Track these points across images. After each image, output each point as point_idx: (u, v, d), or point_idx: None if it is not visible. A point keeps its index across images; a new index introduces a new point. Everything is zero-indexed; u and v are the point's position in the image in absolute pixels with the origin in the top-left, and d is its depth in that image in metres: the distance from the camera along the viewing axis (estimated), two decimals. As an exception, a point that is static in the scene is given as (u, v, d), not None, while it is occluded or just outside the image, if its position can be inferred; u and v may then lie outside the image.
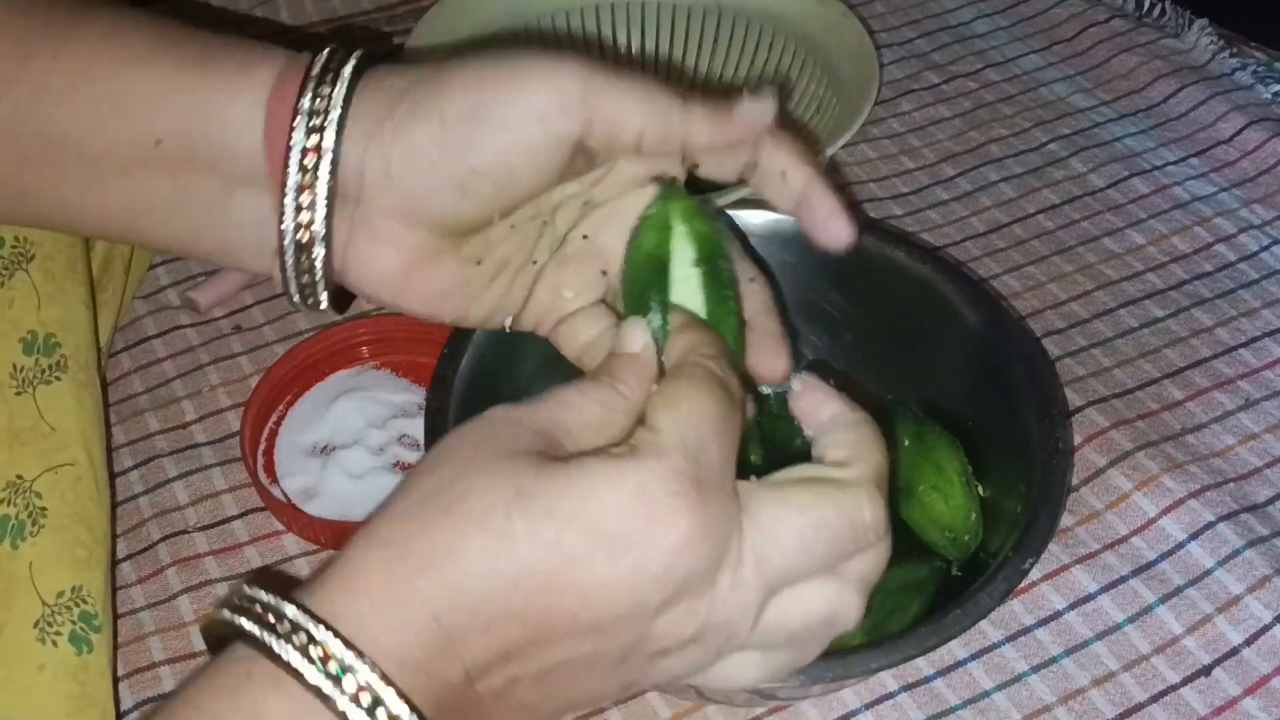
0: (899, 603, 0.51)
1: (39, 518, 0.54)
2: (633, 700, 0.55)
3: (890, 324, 0.60)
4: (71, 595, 0.53)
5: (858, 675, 0.46)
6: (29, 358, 0.57)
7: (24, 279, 0.57)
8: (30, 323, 0.57)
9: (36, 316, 0.57)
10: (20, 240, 0.57)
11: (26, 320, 0.57)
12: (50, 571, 0.53)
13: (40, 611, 0.52)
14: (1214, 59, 0.87)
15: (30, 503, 0.54)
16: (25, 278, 0.57)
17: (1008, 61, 0.88)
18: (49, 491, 0.55)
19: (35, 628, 0.52)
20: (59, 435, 0.56)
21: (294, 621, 0.33)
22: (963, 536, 0.54)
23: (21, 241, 0.57)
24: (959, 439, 0.57)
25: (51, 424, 0.56)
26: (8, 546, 0.53)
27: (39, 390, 0.56)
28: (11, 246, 0.57)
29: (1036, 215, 0.77)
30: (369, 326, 0.68)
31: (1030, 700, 0.55)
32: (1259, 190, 0.79)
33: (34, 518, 0.54)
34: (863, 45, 0.74)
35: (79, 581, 0.54)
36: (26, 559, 0.53)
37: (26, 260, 0.57)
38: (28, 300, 0.57)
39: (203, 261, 0.48)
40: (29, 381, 0.56)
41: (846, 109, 0.71)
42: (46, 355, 0.57)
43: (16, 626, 0.52)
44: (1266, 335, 0.70)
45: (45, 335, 0.57)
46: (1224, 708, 0.55)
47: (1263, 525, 0.61)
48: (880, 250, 0.59)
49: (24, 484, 0.55)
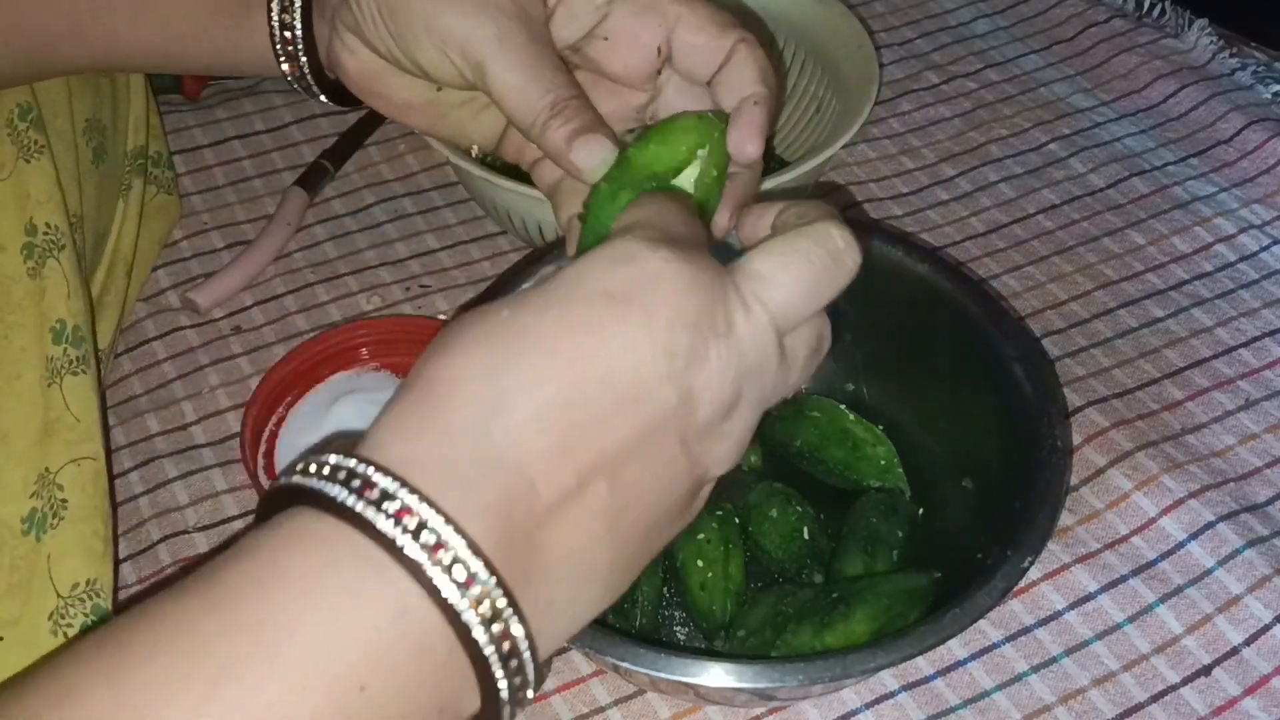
0: (899, 610, 0.51)
1: (59, 510, 0.54)
2: (633, 700, 0.55)
3: (889, 325, 0.60)
4: (86, 588, 0.54)
5: (857, 675, 0.46)
6: (58, 347, 0.57)
7: (55, 268, 0.58)
8: (60, 312, 0.57)
9: (65, 306, 0.58)
10: (50, 227, 0.58)
11: (57, 309, 0.57)
12: (66, 563, 0.54)
13: (55, 604, 0.52)
14: (1214, 59, 0.87)
15: (53, 495, 0.54)
16: (56, 266, 0.58)
17: (1008, 61, 0.88)
18: (70, 483, 0.55)
19: (49, 620, 0.52)
20: (83, 427, 0.57)
21: (347, 467, 0.32)
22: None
23: (52, 229, 0.58)
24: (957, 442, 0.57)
25: (77, 415, 0.57)
26: (32, 539, 0.53)
27: (65, 380, 0.57)
28: (44, 234, 0.57)
29: (1036, 215, 0.77)
30: (369, 328, 0.68)
31: (1030, 700, 0.55)
32: (1259, 190, 0.79)
33: (55, 510, 0.54)
34: (863, 45, 0.74)
35: (94, 574, 0.54)
36: (46, 551, 0.53)
37: (58, 249, 0.58)
38: (58, 290, 0.58)
39: (227, 72, 0.55)
40: (57, 372, 0.57)
41: (846, 109, 0.71)
42: (74, 346, 0.58)
43: (32, 619, 0.52)
44: (1266, 335, 0.70)
45: (73, 326, 0.58)
46: (1224, 708, 0.55)
47: (1263, 525, 0.61)
48: (880, 250, 0.59)
49: (49, 476, 0.55)
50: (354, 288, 0.73)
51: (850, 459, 0.60)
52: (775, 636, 0.52)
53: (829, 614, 0.51)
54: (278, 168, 0.80)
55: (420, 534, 0.31)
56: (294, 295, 0.73)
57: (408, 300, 0.73)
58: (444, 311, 0.72)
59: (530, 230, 0.69)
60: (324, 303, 0.72)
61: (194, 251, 0.75)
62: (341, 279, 0.74)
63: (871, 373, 0.62)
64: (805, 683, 0.46)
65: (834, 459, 0.60)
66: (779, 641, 0.52)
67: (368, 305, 0.72)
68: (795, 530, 0.57)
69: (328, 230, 0.77)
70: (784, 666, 0.46)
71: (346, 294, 0.73)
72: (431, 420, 0.33)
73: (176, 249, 0.75)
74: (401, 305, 0.72)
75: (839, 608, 0.51)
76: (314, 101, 0.53)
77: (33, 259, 0.57)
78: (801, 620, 0.52)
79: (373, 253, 0.75)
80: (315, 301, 0.73)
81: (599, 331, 0.34)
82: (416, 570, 0.30)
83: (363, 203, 0.78)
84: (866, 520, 0.57)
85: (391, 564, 0.30)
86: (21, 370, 0.55)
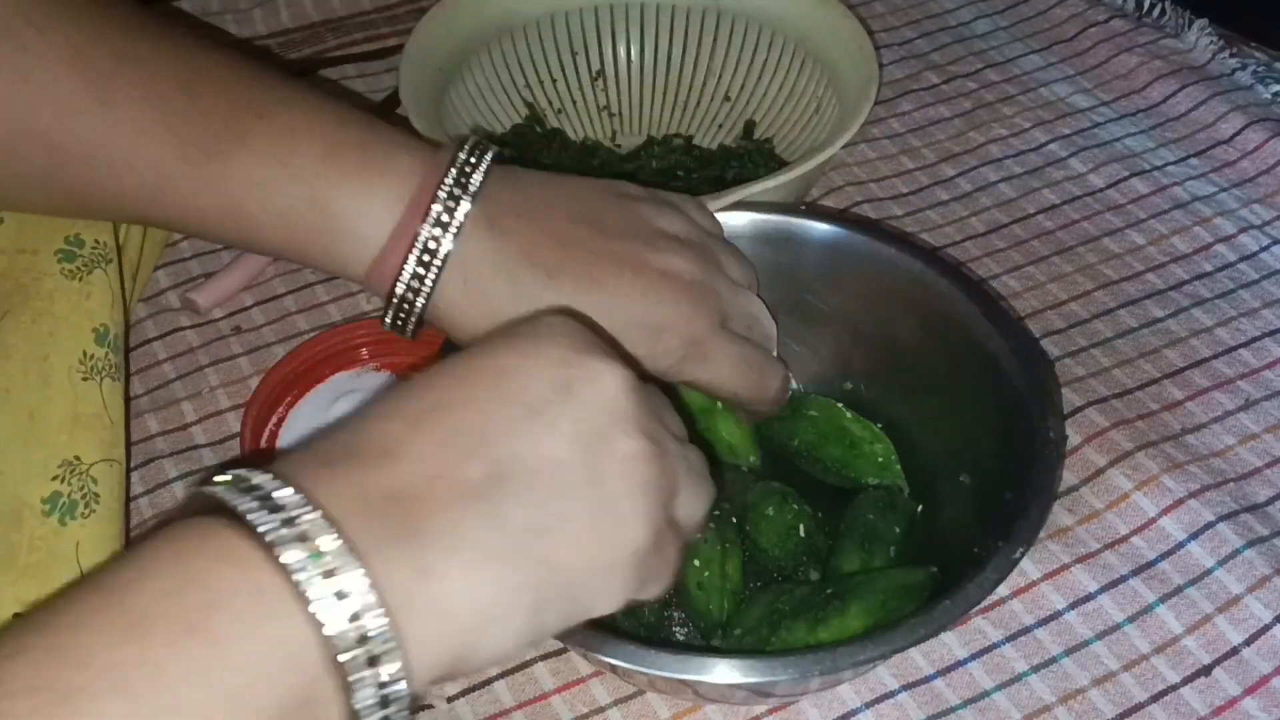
0: (895, 606, 0.51)
1: (92, 502, 0.56)
2: (633, 700, 0.55)
3: (889, 325, 0.60)
4: None
5: (850, 667, 0.46)
6: (100, 348, 0.59)
7: (102, 276, 0.60)
8: (104, 316, 0.60)
9: (110, 313, 0.60)
10: (99, 243, 0.60)
11: (101, 314, 0.59)
12: (94, 556, 0.55)
13: None
14: (1214, 59, 0.87)
15: (86, 486, 0.56)
16: (103, 276, 0.60)
17: (1008, 61, 0.88)
18: (104, 480, 0.57)
19: None
20: (116, 430, 0.59)
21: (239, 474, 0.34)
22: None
23: (101, 245, 0.60)
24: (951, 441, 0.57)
25: (112, 418, 0.59)
26: (55, 522, 0.54)
27: (105, 383, 0.59)
28: (91, 248, 0.60)
29: (1036, 215, 0.77)
30: (369, 328, 0.68)
31: (1030, 700, 0.55)
32: (1259, 190, 0.79)
33: (88, 501, 0.56)
34: (863, 45, 0.73)
35: None
36: (74, 538, 0.54)
37: (105, 262, 0.60)
38: (104, 296, 0.60)
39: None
40: (97, 370, 0.59)
41: (846, 109, 0.71)
42: (115, 353, 0.60)
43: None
44: (1266, 335, 0.70)
45: (115, 334, 0.60)
46: (1224, 708, 0.55)
47: (1263, 525, 0.61)
48: (879, 250, 0.59)
49: (81, 466, 0.56)
50: (354, 287, 0.73)
51: (848, 457, 0.60)
52: (771, 633, 0.52)
53: (824, 610, 0.51)
54: (278, 168, 0.80)
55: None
56: (294, 295, 0.73)
57: (407, 300, 0.72)
58: (444, 312, 0.72)
59: (530, 230, 0.69)
60: (324, 303, 0.73)
61: (194, 251, 0.75)
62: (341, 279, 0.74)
63: (870, 371, 0.62)
64: (797, 676, 0.46)
65: (831, 457, 0.60)
66: (774, 638, 0.52)
67: (368, 305, 0.72)
68: (792, 528, 0.57)
69: (328, 230, 0.77)
70: (776, 660, 0.46)
71: (346, 294, 0.73)
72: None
73: (176, 249, 0.75)
74: (401, 305, 0.72)
75: (834, 603, 0.52)
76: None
77: (75, 263, 0.59)
78: (797, 617, 0.52)
79: (373, 253, 0.75)
80: (315, 301, 0.73)
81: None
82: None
83: (363, 203, 0.78)
84: (864, 517, 0.57)
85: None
86: (49, 353, 0.57)
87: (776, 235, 0.60)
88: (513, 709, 0.55)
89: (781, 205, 0.63)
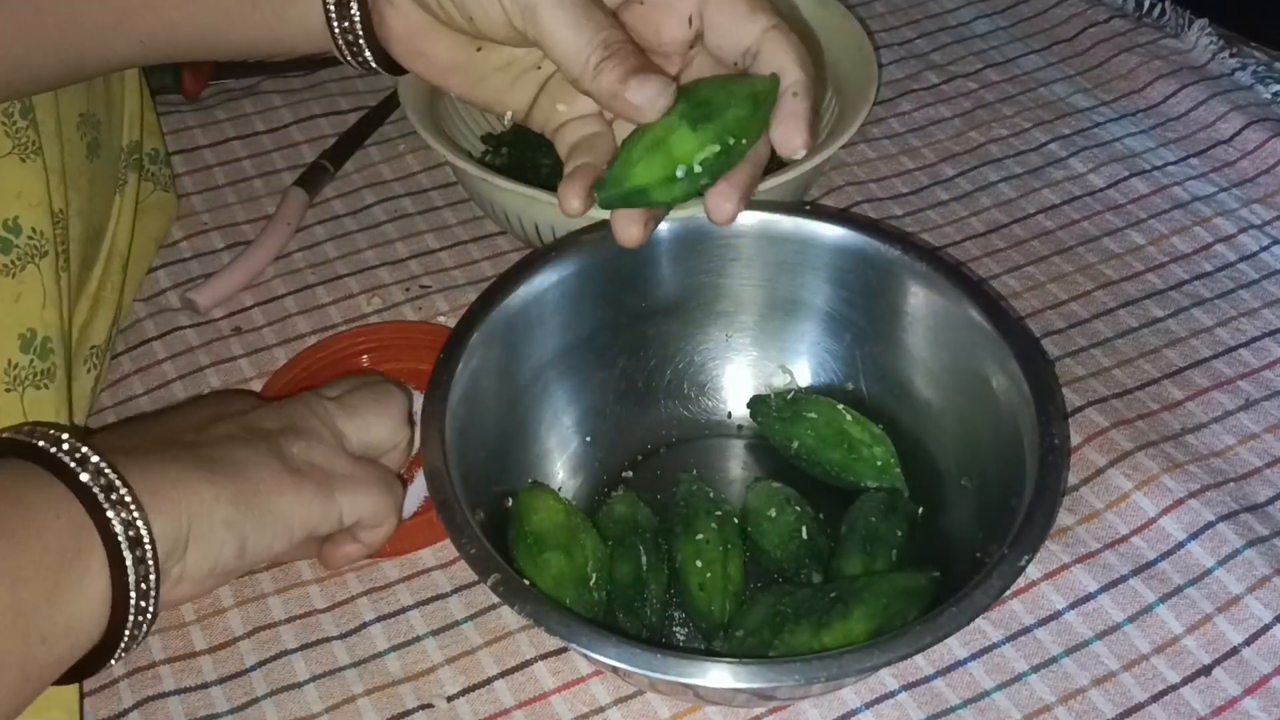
0: (898, 610, 0.51)
1: None
2: (633, 700, 0.55)
3: (889, 325, 0.60)
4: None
5: (854, 674, 0.46)
6: (24, 356, 0.56)
7: (34, 274, 0.57)
8: (32, 320, 0.57)
9: (40, 316, 0.57)
10: (36, 233, 0.57)
11: (29, 317, 0.56)
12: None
13: None
14: (1214, 59, 0.87)
15: None
16: (35, 273, 0.57)
17: (1008, 61, 0.88)
18: None
19: None
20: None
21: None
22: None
23: (37, 234, 0.57)
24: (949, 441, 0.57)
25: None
26: None
27: (27, 393, 0.56)
28: (28, 238, 0.56)
29: (1036, 215, 0.77)
30: (369, 335, 0.68)
31: (1030, 700, 0.55)
32: (1259, 190, 0.79)
33: None
34: (862, 45, 0.74)
35: None
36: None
37: (40, 255, 0.57)
38: (33, 297, 0.57)
39: (265, 55, 0.55)
40: (20, 381, 0.56)
41: (846, 109, 0.71)
42: (41, 359, 0.57)
43: None
44: (1266, 335, 0.70)
45: (43, 338, 0.57)
46: (1224, 708, 0.55)
47: (1263, 525, 0.61)
48: (879, 250, 0.59)
49: None
50: (354, 288, 0.73)
51: (847, 461, 0.60)
52: (773, 636, 0.52)
53: (827, 613, 0.51)
54: (277, 168, 0.81)
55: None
56: (294, 296, 0.73)
57: (408, 301, 0.73)
58: (444, 312, 0.72)
59: (529, 230, 0.69)
60: (324, 303, 0.73)
61: (194, 251, 0.75)
62: (342, 279, 0.74)
63: (871, 372, 0.62)
64: (801, 682, 0.45)
65: (831, 461, 0.60)
66: (777, 641, 0.52)
67: (368, 306, 0.72)
68: (794, 530, 0.57)
69: (328, 230, 0.77)
70: (780, 666, 0.46)
71: (347, 295, 0.73)
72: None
73: (176, 249, 0.75)
74: (402, 305, 0.72)
75: (837, 607, 0.51)
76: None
77: (10, 256, 0.56)
78: (800, 620, 0.52)
79: (373, 253, 0.75)
80: (315, 302, 0.73)
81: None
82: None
83: (363, 203, 0.78)
84: (866, 519, 0.57)
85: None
86: None
87: (777, 234, 0.60)
88: (513, 708, 0.55)
89: (782, 204, 0.63)
